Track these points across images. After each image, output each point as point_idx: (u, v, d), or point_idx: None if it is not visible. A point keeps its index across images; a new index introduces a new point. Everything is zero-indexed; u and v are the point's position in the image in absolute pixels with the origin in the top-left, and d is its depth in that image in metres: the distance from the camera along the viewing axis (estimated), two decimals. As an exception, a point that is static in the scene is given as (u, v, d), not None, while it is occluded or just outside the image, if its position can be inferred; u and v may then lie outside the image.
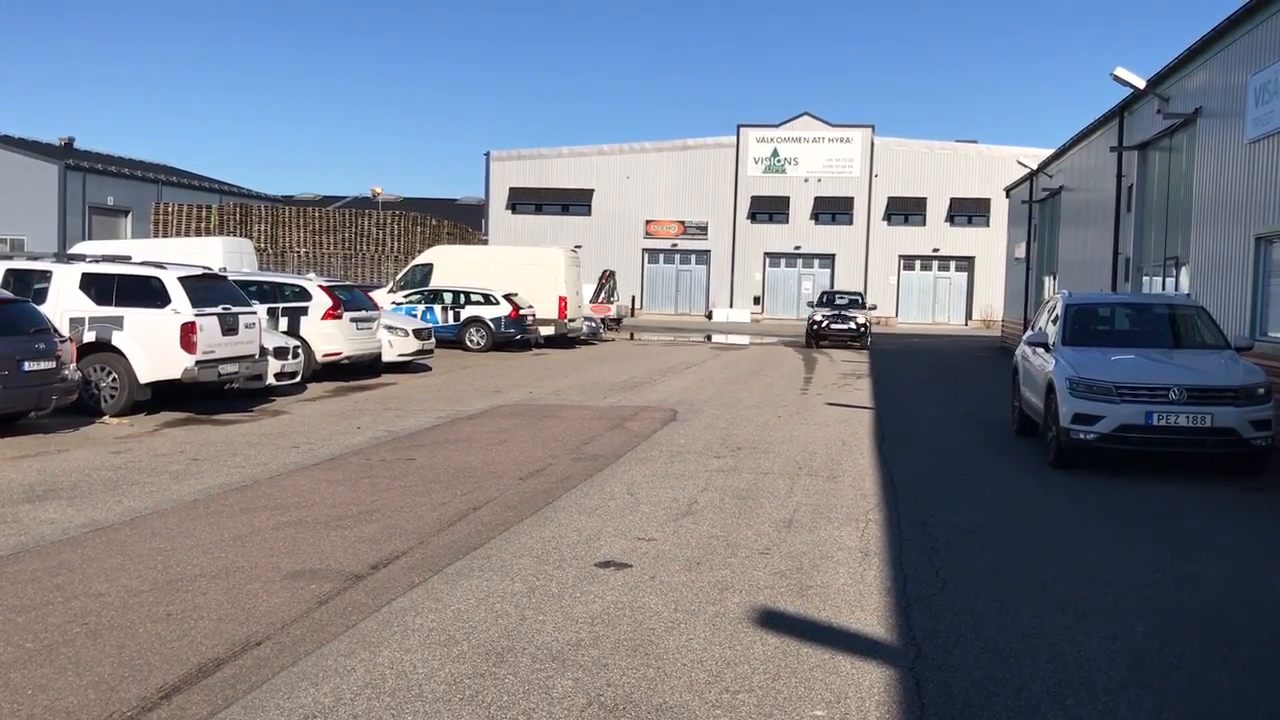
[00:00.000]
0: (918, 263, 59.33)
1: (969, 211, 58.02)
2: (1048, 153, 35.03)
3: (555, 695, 5.10)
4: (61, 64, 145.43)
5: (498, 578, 7.10)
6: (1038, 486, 11.22)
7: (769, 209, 59.06)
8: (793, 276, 59.96)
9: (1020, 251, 38.23)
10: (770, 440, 13.76)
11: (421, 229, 48.00)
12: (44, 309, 14.00)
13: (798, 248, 59.36)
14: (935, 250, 58.81)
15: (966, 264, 58.56)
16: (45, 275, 15.15)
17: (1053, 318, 13.91)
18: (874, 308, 38.38)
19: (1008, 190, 43.17)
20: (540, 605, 6.52)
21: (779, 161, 59.14)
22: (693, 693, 5.18)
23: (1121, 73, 21.83)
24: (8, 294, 13.99)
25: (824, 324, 34.92)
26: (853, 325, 34.57)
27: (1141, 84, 21.69)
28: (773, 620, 6.34)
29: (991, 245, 54.82)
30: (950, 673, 5.54)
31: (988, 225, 56.74)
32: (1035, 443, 13.63)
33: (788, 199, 59.00)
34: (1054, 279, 32.02)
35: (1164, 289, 20.86)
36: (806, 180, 58.88)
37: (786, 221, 59.15)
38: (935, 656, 5.78)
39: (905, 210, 58.60)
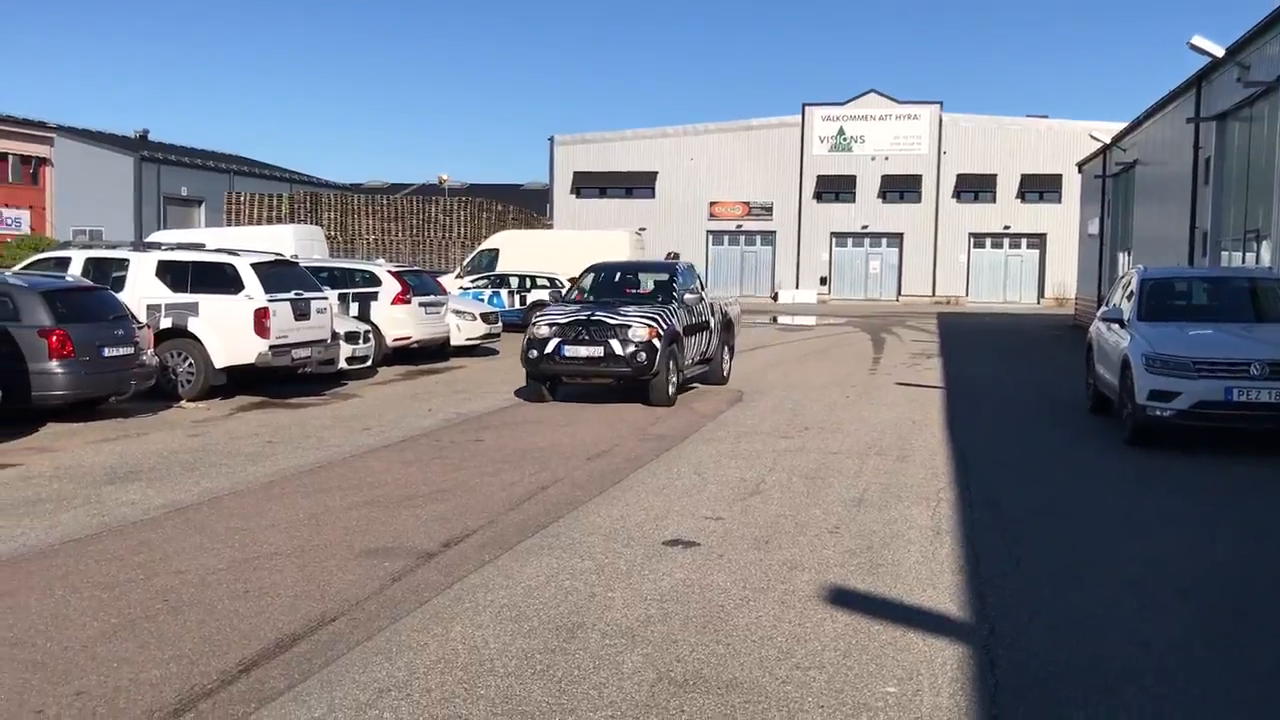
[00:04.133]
0: (988, 240, 58.37)
1: (1040, 188, 56.91)
2: (1121, 126, 34.23)
3: (625, 671, 5.12)
4: (136, 58, 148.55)
5: (567, 555, 7.14)
6: (1113, 465, 11.01)
7: (835, 188, 58.47)
8: (860, 256, 59.34)
9: (1093, 228, 37.46)
10: (838, 420, 13.66)
11: (487, 215, 48.33)
12: (122, 296, 14.33)
13: (865, 227, 58.71)
14: (1006, 228, 57.81)
15: (1038, 241, 57.50)
16: (123, 263, 15.51)
17: (1128, 293, 13.61)
18: (730, 302, 19.25)
19: (1080, 165, 42.28)
20: (609, 582, 6.55)
21: (845, 140, 58.51)
22: (763, 669, 5.17)
23: (1199, 41, 21.24)
24: (88, 281, 14.36)
25: (554, 348, 14.67)
26: (618, 346, 14.41)
27: (1220, 52, 21.09)
28: (843, 598, 6.30)
29: (1064, 222, 53.73)
30: (1024, 651, 5.47)
31: (1060, 201, 55.61)
32: (1110, 421, 13.36)
33: (854, 178, 58.35)
34: (1128, 255, 31.33)
35: (1244, 263, 20.30)
36: (873, 158, 58.17)
37: (853, 200, 58.50)
38: (1009, 634, 5.70)
39: (975, 187, 57.64)
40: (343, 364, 17.05)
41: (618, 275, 17.47)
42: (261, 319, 14.66)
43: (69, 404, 12.77)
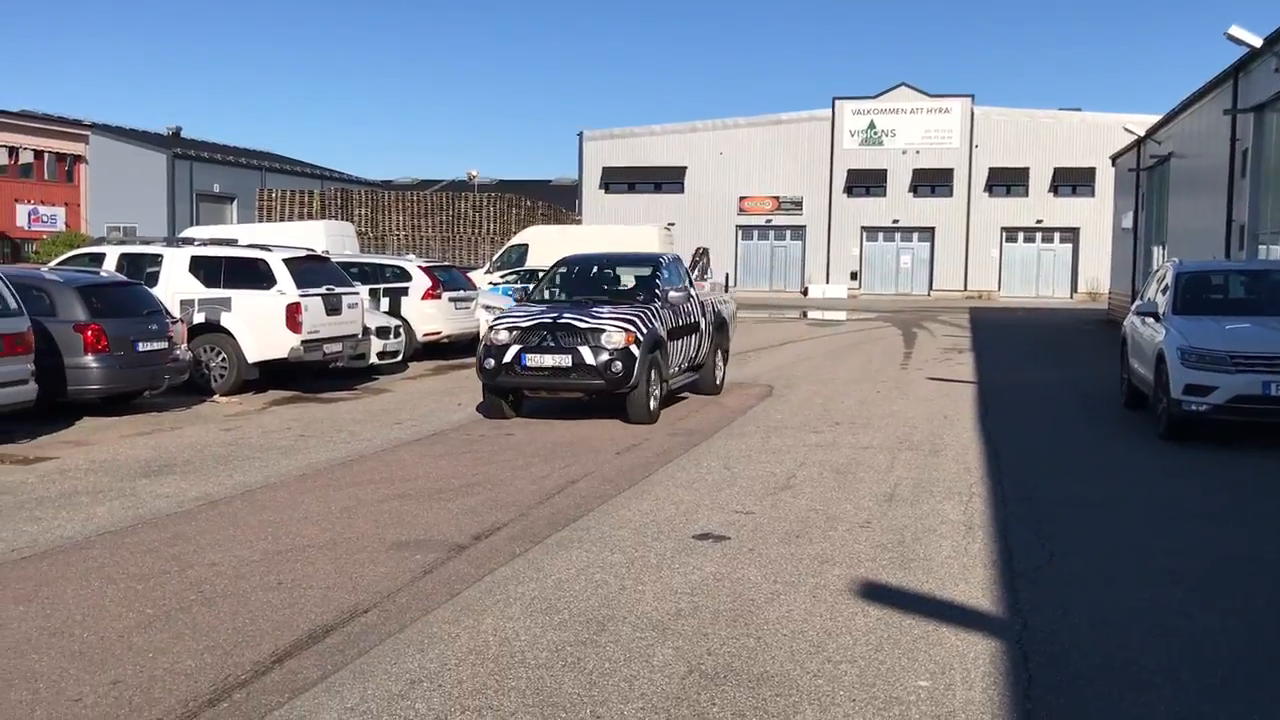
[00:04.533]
0: (1020, 234, 57.92)
1: (1073, 181, 56.40)
2: (1155, 119, 33.86)
3: (656, 663, 5.12)
4: (169, 55, 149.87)
5: (597, 549, 7.15)
6: (1147, 460, 10.89)
7: (866, 182, 58.18)
8: (891, 250, 59.03)
9: (1127, 221, 37.08)
10: (869, 415, 13.59)
11: (516, 210, 48.44)
12: (156, 291, 14.46)
13: (896, 221, 58.40)
14: (1038, 221, 57.34)
15: (1071, 235, 57.01)
16: (156, 259, 15.65)
17: (1162, 287, 13.46)
18: (725, 284, 20.47)
19: (1114, 158, 41.86)
20: (639, 576, 6.55)
21: (876, 133, 58.20)
22: (794, 662, 5.16)
23: (1236, 31, 20.96)
24: (122, 277, 14.50)
25: (513, 357, 12.57)
26: (589, 354, 12.35)
27: (1258, 42, 20.80)
28: (874, 592, 6.27)
29: (1097, 216, 53.26)
30: (1058, 646, 5.42)
31: (1093, 195, 55.11)
32: (1145, 415, 13.23)
33: (885, 171, 58.04)
34: (1163, 249, 30.99)
35: (1282, 256, 20.02)
36: (904, 152, 57.84)
37: (884, 194, 58.20)
38: (1042, 629, 5.66)
39: (1007, 181, 57.20)
40: (374, 359, 17.14)
41: (593, 270, 14.92)
42: (294, 314, 14.75)
43: (104, 398, 12.91)
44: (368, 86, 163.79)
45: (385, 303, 19.66)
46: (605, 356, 12.18)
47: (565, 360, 12.27)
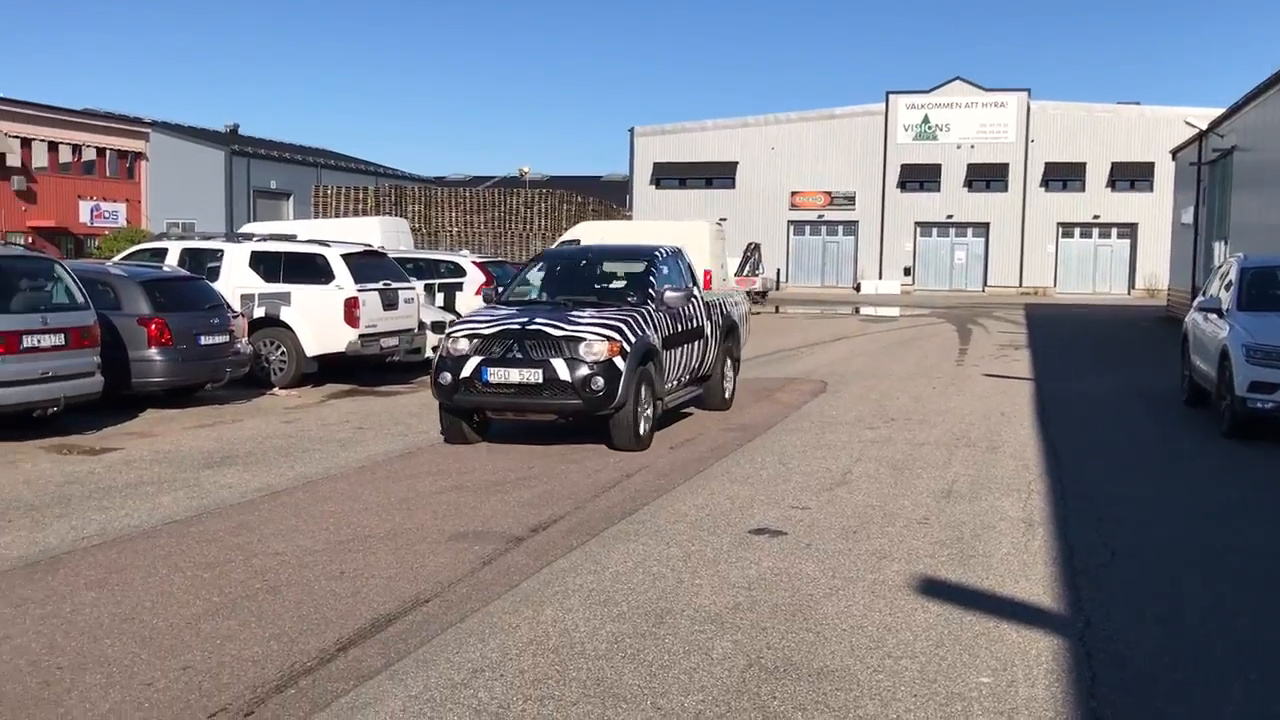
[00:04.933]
0: (1077, 230, 57.07)
1: (1132, 176, 55.48)
2: (1218, 112, 33.18)
3: (715, 656, 5.13)
4: (227, 53, 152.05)
5: (653, 542, 7.17)
6: (1210, 458, 10.71)
7: (919, 177, 57.64)
8: (945, 246, 58.43)
9: (1187, 217, 36.40)
10: (925, 411, 13.49)
11: (567, 206, 48.57)
12: (217, 286, 14.70)
13: (950, 216, 57.80)
14: (1095, 217, 56.47)
15: (1129, 231, 56.07)
16: (217, 254, 15.90)
17: (1226, 283, 13.21)
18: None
19: (1174, 153, 41.10)
20: (696, 569, 6.56)
21: (930, 128, 57.63)
22: (854, 657, 5.14)
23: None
24: (184, 272, 14.76)
25: (474, 370, 10.37)
26: (563, 368, 10.19)
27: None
28: (933, 588, 6.23)
29: (1155, 211, 52.34)
30: (1122, 644, 5.36)
31: (1152, 190, 54.16)
32: (1207, 413, 13.00)
33: (939, 166, 57.46)
34: (1225, 244, 30.39)
35: (1350, 252, 19.54)
36: (959, 147, 57.20)
37: (938, 190, 57.61)
38: (1105, 627, 5.59)
39: (1063, 176, 56.39)
40: (429, 353, 17.28)
41: (577, 266, 12.82)
42: (351, 309, 14.93)
43: (166, 390, 13.14)
44: (420, 83, 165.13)
45: (440, 298, 19.81)
46: (584, 371, 10.07)
47: (535, 375, 10.13)
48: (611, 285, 12.31)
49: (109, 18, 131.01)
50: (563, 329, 10.29)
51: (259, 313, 15.12)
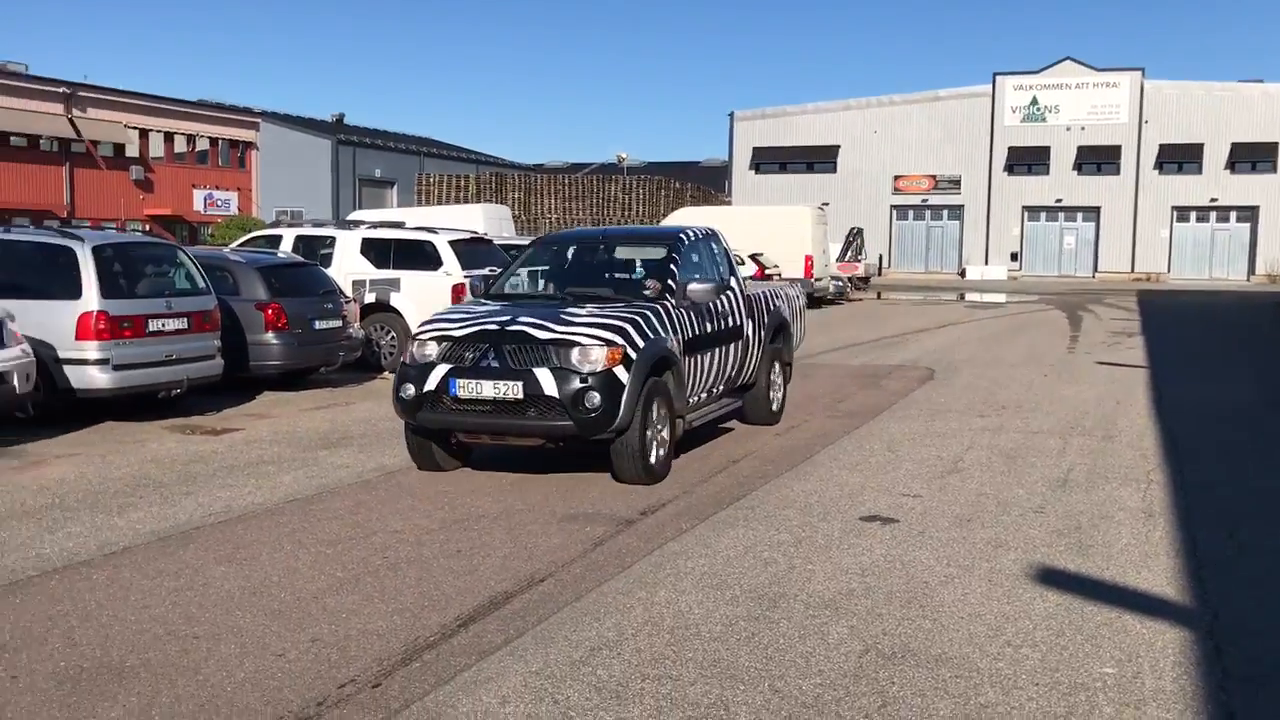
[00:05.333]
0: (1193, 214, 55.13)
1: (1253, 157, 53.34)
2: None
3: (831, 641, 5.12)
4: (333, 44, 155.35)
5: (763, 527, 7.17)
6: (1342, 450, 10.29)
7: (1027, 160, 56.27)
8: (1054, 231, 56.99)
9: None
10: (1037, 399, 13.20)
11: (665, 192, 48.63)
12: (329, 272, 15.07)
13: (1059, 200, 56.33)
14: (1213, 200, 54.47)
15: (1249, 214, 53.97)
16: (329, 241, 16.30)
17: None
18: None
19: (1299, 132, 39.39)
20: (808, 555, 6.54)
21: (1038, 110, 56.20)
22: (972, 645, 5.08)
23: None
24: (299, 258, 15.16)
25: (440, 382, 8.38)
26: (549, 381, 8.15)
27: None
28: (1052, 578, 6.12)
29: (1279, 193, 50.34)
30: (1252, 638, 5.20)
31: (1274, 171, 52.08)
32: (1337, 403, 12.49)
33: (1048, 149, 56.01)
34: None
35: None
36: (1069, 128, 55.67)
37: (1046, 173, 56.17)
38: (1234, 621, 5.43)
39: (1179, 158, 54.49)
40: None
41: (585, 252, 10.63)
42: (459, 294, 15.14)
43: (282, 374, 13.52)
44: (520, 72, 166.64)
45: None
46: (575, 384, 8.02)
47: (514, 389, 8.10)
48: (626, 275, 10.09)
49: (222, 11, 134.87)
50: (551, 331, 8.23)
51: (370, 298, 15.46)
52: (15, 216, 33.36)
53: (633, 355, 8.23)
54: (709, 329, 9.65)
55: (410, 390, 8.41)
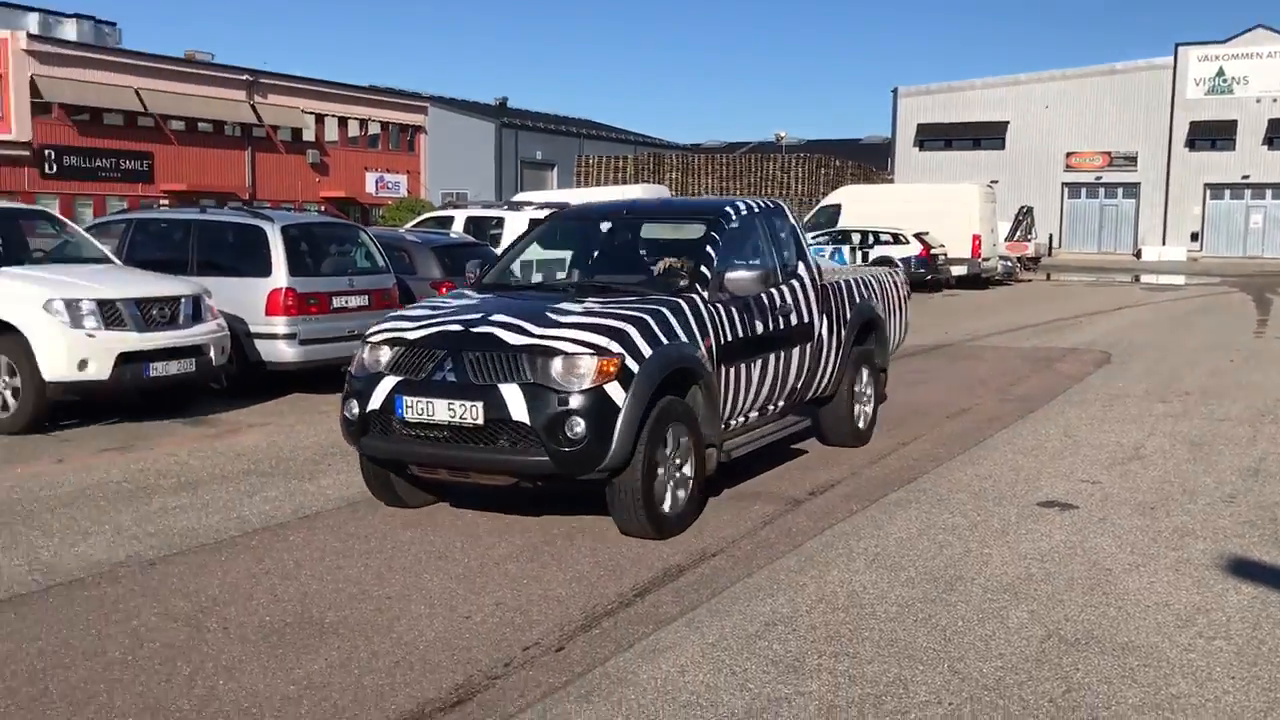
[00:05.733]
0: (1397, 190, 51.43)
1: None
2: None
3: (1011, 625, 5.03)
4: (496, 30, 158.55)
5: (935, 510, 7.07)
6: None
7: (1211, 134, 53.35)
8: (1239, 209, 53.95)
9: None
10: (1223, 386, 12.58)
11: (825, 170, 48.12)
12: (498, 252, 15.42)
13: (1246, 177, 53.24)
14: None
15: None
16: (499, 222, 16.71)
17: None
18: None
19: None
20: (984, 539, 6.43)
21: (1224, 81, 53.21)
22: (1160, 634, 4.93)
23: None
24: (469, 238, 15.59)
25: (385, 400, 6.49)
26: (516, 402, 6.13)
27: None
28: (1246, 569, 5.87)
29: None
30: None
31: None
32: None
33: (1234, 123, 52.96)
34: None
35: None
36: (1259, 100, 52.51)
37: (1232, 148, 53.15)
38: None
39: (1381, 130, 50.87)
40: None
41: (603, 231, 8.67)
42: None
43: (455, 349, 13.93)
44: (679, 52, 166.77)
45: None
46: (552, 407, 6.08)
47: (473, 411, 6.16)
48: (651, 259, 8.06)
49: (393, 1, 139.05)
50: (527, 334, 6.27)
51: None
52: (201, 198, 35.24)
53: (633, 367, 6.17)
54: (759, 329, 7.51)
55: (354, 409, 6.62)
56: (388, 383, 6.48)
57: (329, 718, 4.12)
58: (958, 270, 30.79)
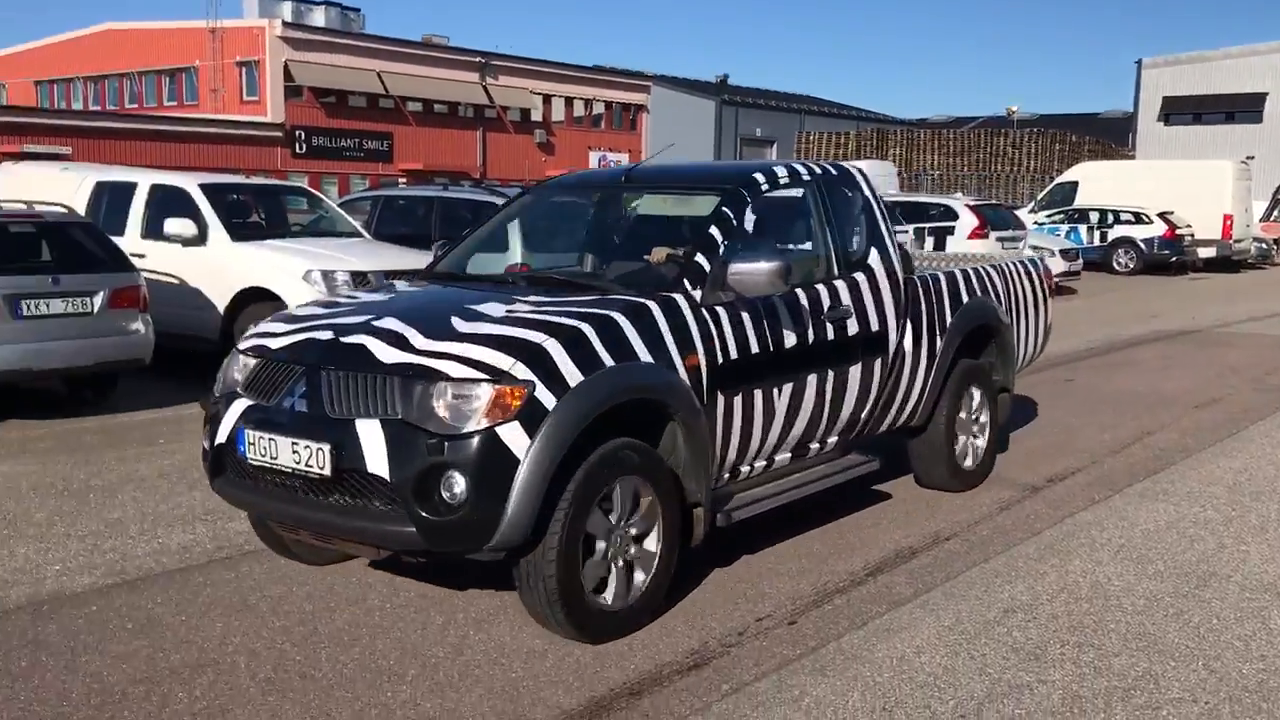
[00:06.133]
0: None
1: None
2: None
3: (1274, 627, 4.75)
4: (718, 8, 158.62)
5: (1185, 504, 6.71)
6: None
7: None
8: None
9: None
10: None
11: (1060, 146, 45.95)
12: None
13: None
14: None
15: None
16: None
17: None
18: (992, 265, 7.53)
19: None
20: (1241, 535, 6.07)
21: None
22: None
23: None
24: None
25: (232, 431, 4.77)
26: (373, 449, 4.29)
27: None
28: None
29: None
30: None
31: None
32: None
33: None
34: None
35: None
36: None
37: None
38: None
39: None
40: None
41: (596, 206, 6.72)
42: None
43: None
44: (903, 22, 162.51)
45: (930, 241, 19.60)
46: (421, 459, 4.26)
47: (318, 456, 4.43)
48: (656, 243, 5.75)
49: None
50: (409, 348, 4.51)
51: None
52: (435, 177, 36.85)
53: (546, 400, 4.30)
54: (788, 340, 5.41)
55: (207, 441, 4.99)
56: (237, 408, 4.81)
57: (572, 671, 4.30)
58: (1205, 252, 28.89)
